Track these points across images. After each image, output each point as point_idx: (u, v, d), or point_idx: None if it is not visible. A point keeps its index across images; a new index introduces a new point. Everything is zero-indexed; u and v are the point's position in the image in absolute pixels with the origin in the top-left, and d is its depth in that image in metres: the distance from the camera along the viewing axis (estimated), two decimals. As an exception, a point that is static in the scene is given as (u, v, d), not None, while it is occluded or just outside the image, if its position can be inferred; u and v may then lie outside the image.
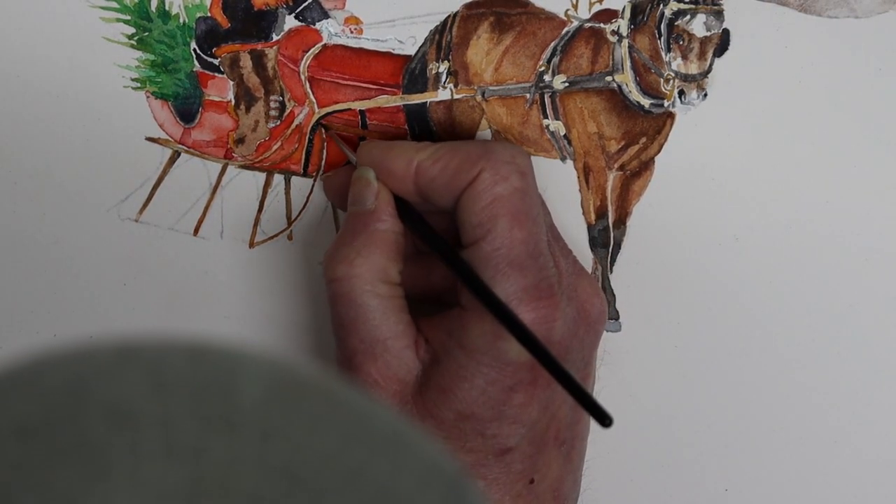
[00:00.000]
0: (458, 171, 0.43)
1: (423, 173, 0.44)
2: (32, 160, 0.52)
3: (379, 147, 0.47)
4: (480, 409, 0.42)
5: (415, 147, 0.46)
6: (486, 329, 0.42)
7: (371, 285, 0.43)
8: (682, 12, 0.48)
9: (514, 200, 0.43)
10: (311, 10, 0.50)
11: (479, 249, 0.43)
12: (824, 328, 0.50)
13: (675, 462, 0.52)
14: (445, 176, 0.44)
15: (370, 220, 0.44)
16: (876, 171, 0.48)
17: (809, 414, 0.51)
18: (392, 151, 0.46)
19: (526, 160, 0.44)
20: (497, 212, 0.42)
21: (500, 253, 0.42)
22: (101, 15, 0.51)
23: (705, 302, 0.50)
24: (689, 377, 0.51)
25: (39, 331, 0.53)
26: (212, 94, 0.51)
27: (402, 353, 0.43)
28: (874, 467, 0.51)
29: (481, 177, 0.43)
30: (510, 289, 0.42)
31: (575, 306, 0.44)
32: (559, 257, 0.45)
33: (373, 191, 0.45)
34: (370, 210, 0.45)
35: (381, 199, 0.45)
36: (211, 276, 0.52)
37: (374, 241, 0.44)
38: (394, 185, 0.45)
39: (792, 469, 0.51)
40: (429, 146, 0.45)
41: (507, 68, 0.50)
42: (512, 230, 0.42)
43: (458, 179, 0.43)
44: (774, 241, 0.49)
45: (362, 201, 0.45)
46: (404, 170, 0.45)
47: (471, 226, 0.43)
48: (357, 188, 0.46)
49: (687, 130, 0.49)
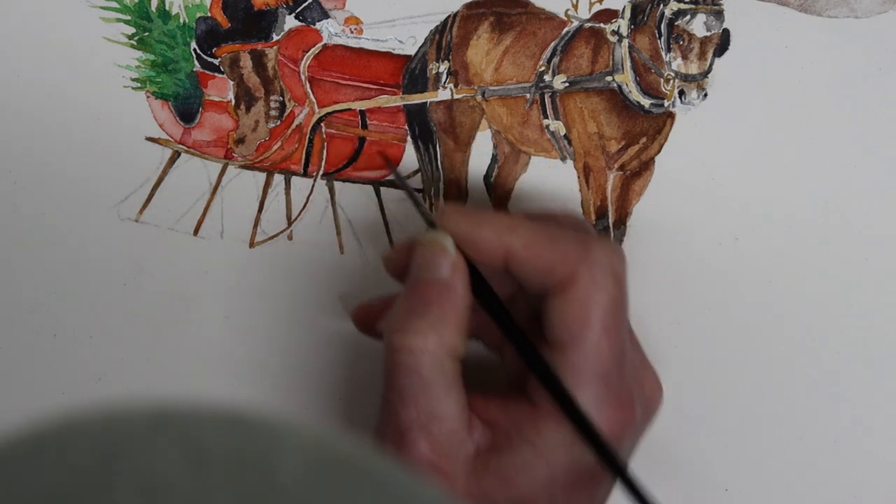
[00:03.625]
0: (554, 268, 0.41)
1: (513, 258, 0.42)
2: (32, 160, 0.52)
3: (465, 216, 0.43)
4: (538, 498, 0.41)
5: (507, 224, 0.42)
6: (563, 437, 0.41)
7: (441, 361, 0.41)
8: (682, 12, 0.48)
9: (609, 311, 0.41)
10: (311, 10, 0.50)
11: (564, 356, 0.41)
12: (824, 328, 0.50)
13: (675, 462, 0.52)
14: (538, 269, 0.41)
15: (444, 292, 0.41)
16: (876, 171, 0.48)
17: (809, 414, 0.51)
18: (481, 226, 0.42)
19: (622, 264, 0.42)
20: (589, 322, 0.41)
21: (587, 365, 0.41)
22: (101, 15, 0.51)
23: (705, 302, 0.50)
24: (689, 377, 0.51)
25: (39, 331, 0.53)
26: (212, 94, 0.52)
27: (459, 432, 0.41)
28: (874, 467, 0.51)
29: (578, 283, 0.41)
30: (591, 397, 0.41)
31: (642, 403, 0.43)
32: (632, 352, 0.44)
33: (449, 260, 0.42)
34: (444, 281, 0.42)
35: (457, 270, 0.42)
36: (211, 276, 0.52)
37: (447, 314, 0.41)
38: (475, 257, 0.42)
39: (792, 469, 0.51)
40: (522, 226, 0.42)
41: (507, 68, 0.50)
42: (601, 341, 0.41)
43: (552, 277, 0.41)
44: (774, 241, 0.49)
45: (436, 269, 0.42)
46: (493, 250, 0.42)
47: (559, 329, 0.41)
48: (430, 253, 0.42)
49: (687, 130, 0.49)
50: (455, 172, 0.51)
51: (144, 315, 0.53)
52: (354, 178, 0.52)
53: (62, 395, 0.53)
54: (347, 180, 0.52)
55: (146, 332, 0.53)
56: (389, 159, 0.49)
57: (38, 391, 0.53)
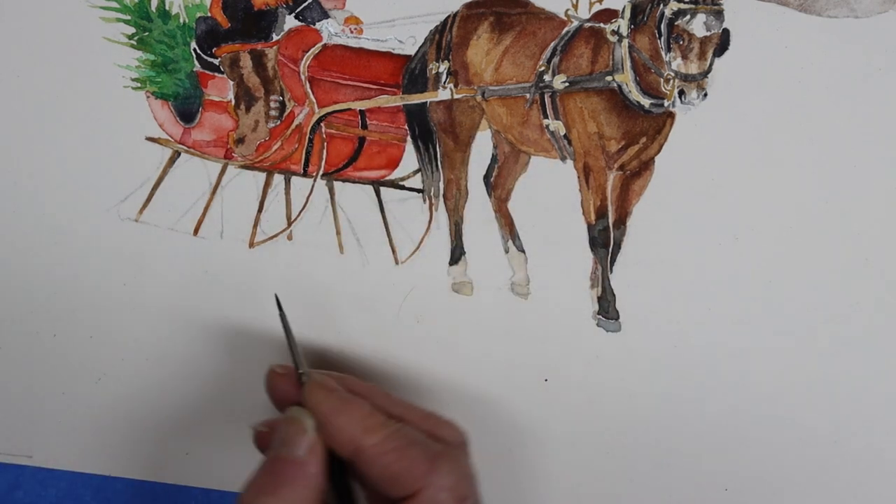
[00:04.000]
0: (398, 478, 0.43)
1: (361, 456, 0.43)
2: (32, 160, 0.52)
3: (330, 399, 0.45)
4: None
5: (364, 421, 0.44)
6: None
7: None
8: (682, 12, 0.48)
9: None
10: (311, 10, 0.50)
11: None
12: (824, 328, 0.50)
13: (675, 462, 0.52)
14: (383, 475, 0.43)
15: (299, 473, 0.43)
16: (876, 171, 0.48)
17: (809, 414, 0.51)
18: (339, 414, 0.44)
19: (468, 484, 0.44)
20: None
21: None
22: (101, 15, 0.51)
23: (705, 302, 0.50)
24: (689, 377, 0.51)
25: (39, 331, 0.53)
26: (212, 94, 0.52)
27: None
28: (874, 467, 0.51)
29: (420, 501, 0.43)
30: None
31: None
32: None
33: (307, 440, 0.43)
34: (300, 461, 0.43)
35: (314, 452, 0.43)
36: (211, 276, 0.52)
37: (297, 496, 0.42)
38: (327, 441, 0.44)
39: (792, 469, 0.51)
40: (382, 427, 0.44)
41: (507, 68, 0.50)
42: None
43: (396, 486, 0.43)
44: (774, 241, 0.49)
45: (293, 448, 0.43)
46: (345, 441, 0.43)
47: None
48: (290, 431, 0.44)
49: (687, 130, 0.49)
50: (455, 172, 0.51)
51: (144, 315, 0.53)
52: (354, 179, 0.52)
53: (62, 395, 0.53)
54: (347, 180, 0.52)
55: (146, 332, 0.53)
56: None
57: (38, 391, 0.53)
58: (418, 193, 0.51)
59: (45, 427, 0.54)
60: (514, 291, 0.51)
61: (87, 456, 0.54)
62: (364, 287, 0.52)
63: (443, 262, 0.52)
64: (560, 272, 0.51)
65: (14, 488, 0.54)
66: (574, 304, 0.51)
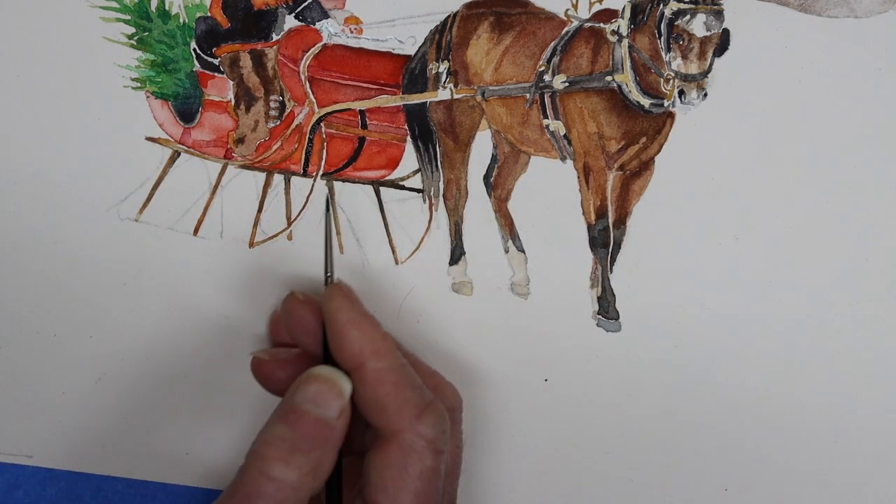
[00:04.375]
0: (386, 410, 0.43)
1: (362, 375, 0.43)
2: (32, 160, 0.52)
3: (351, 309, 0.44)
4: None
5: (376, 345, 0.44)
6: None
7: (303, 501, 0.42)
8: (682, 12, 0.48)
9: (424, 479, 0.42)
10: (311, 10, 0.50)
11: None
12: (824, 328, 0.50)
13: (675, 462, 0.52)
14: (375, 401, 0.43)
15: (330, 435, 0.42)
16: (876, 171, 0.48)
17: (809, 414, 0.51)
18: (356, 328, 0.44)
19: (446, 443, 0.44)
20: (405, 487, 0.42)
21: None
22: (101, 15, 0.51)
23: (705, 302, 0.50)
24: (689, 377, 0.51)
25: (39, 331, 0.53)
26: (212, 94, 0.52)
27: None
28: (874, 467, 0.51)
29: (400, 445, 0.43)
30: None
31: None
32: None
33: (341, 403, 0.43)
34: (331, 423, 0.43)
35: (344, 416, 0.43)
36: (211, 276, 0.52)
37: (327, 458, 0.42)
38: (336, 352, 0.44)
39: (792, 469, 0.51)
40: (390, 356, 0.44)
41: (507, 68, 0.50)
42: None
43: (381, 417, 0.43)
44: (774, 241, 0.49)
45: (326, 408, 0.43)
46: (351, 357, 0.43)
47: (375, 489, 0.43)
48: (324, 391, 0.43)
49: (687, 130, 0.49)
50: (455, 172, 0.51)
51: (144, 315, 0.53)
52: (354, 178, 0.52)
53: (62, 395, 0.53)
54: (347, 180, 0.52)
55: (146, 332, 0.53)
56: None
57: (38, 391, 0.53)
58: (418, 193, 0.51)
59: (45, 427, 0.54)
60: (514, 291, 0.51)
61: (87, 456, 0.54)
62: (364, 287, 0.52)
63: (443, 262, 0.52)
64: (560, 272, 0.51)
65: (14, 488, 0.54)
66: (574, 304, 0.51)
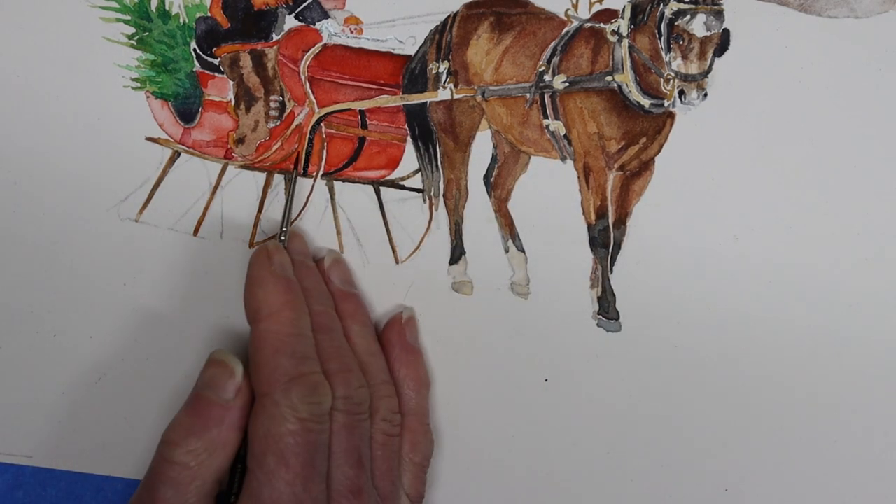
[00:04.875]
0: (257, 376, 0.44)
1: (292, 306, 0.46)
2: (32, 160, 0.52)
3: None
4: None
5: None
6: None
7: (203, 484, 0.43)
8: (682, 12, 0.48)
9: (286, 446, 0.43)
10: (311, 10, 0.50)
11: (248, 479, 0.43)
12: (824, 328, 0.50)
13: (675, 462, 0.52)
14: (252, 368, 0.45)
15: (226, 416, 0.44)
16: (876, 171, 0.48)
17: (809, 414, 0.51)
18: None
19: (309, 410, 0.44)
20: (268, 448, 0.43)
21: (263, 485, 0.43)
22: (101, 15, 0.51)
23: (705, 302, 0.50)
24: (689, 377, 0.51)
25: (39, 331, 0.53)
26: (212, 94, 0.52)
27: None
28: (874, 467, 0.51)
29: (262, 404, 0.44)
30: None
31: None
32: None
33: (235, 384, 0.45)
34: (228, 404, 0.45)
35: (240, 395, 0.45)
36: (211, 276, 0.52)
37: (223, 438, 0.44)
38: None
39: (792, 469, 0.51)
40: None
41: (507, 68, 0.50)
42: (279, 468, 0.43)
43: (254, 382, 0.45)
44: (774, 241, 0.49)
45: (220, 390, 0.45)
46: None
47: (249, 451, 0.44)
48: (218, 374, 0.45)
49: (687, 130, 0.49)
50: (455, 172, 0.51)
51: (144, 315, 0.53)
52: (354, 178, 0.52)
53: (62, 395, 0.53)
54: (347, 180, 0.52)
55: (146, 332, 0.53)
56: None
57: (38, 391, 0.53)
58: (418, 193, 0.51)
59: (45, 427, 0.54)
60: (514, 291, 0.51)
61: (87, 456, 0.54)
62: (364, 286, 0.52)
63: (443, 262, 0.52)
64: (560, 272, 0.51)
65: (14, 488, 0.54)
66: (574, 304, 0.51)
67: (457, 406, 0.53)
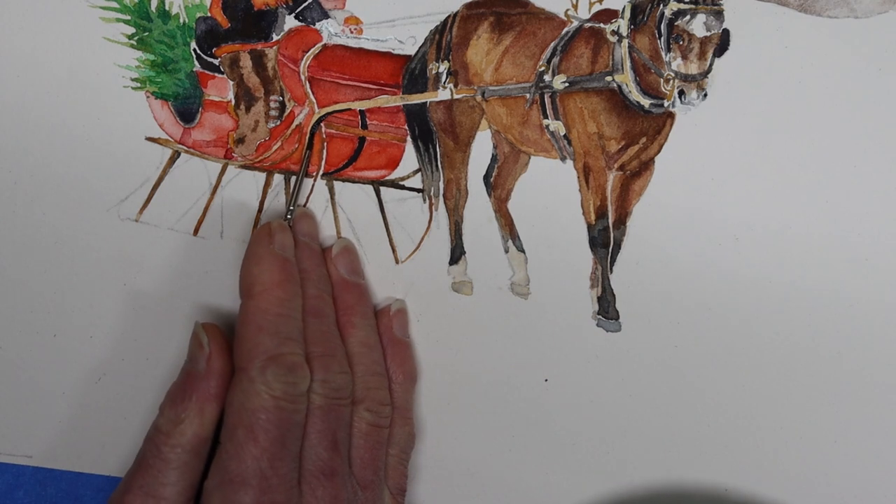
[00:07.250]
0: (238, 351, 0.45)
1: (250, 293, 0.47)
2: (32, 160, 0.52)
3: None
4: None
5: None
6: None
7: (183, 451, 0.45)
8: (682, 12, 0.48)
9: (258, 421, 0.43)
10: (311, 10, 0.50)
11: (219, 451, 0.44)
12: (824, 328, 0.50)
13: (675, 462, 0.52)
14: (234, 342, 0.46)
15: (200, 385, 0.46)
16: (876, 171, 0.48)
17: (809, 414, 0.51)
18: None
19: (284, 389, 0.44)
20: (239, 422, 0.44)
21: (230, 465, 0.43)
22: (101, 15, 0.51)
23: (705, 302, 0.50)
24: (689, 377, 0.51)
25: (39, 331, 0.53)
26: (212, 94, 0.52)
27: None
28: (874, 467, 0.51)
29: (237, 379, 0.45)
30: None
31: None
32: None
33: (204, 354, 0.46)
34: (201, 374, 0.46)
35: (211, 365, 0.46)
36: (211, 276, 0.52)
37: (201, 408, 0.45)
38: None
39: (792, 469, 0.51)
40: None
41: (507, 68, 0.50)
42: (247, 441, 0.43)
43: (235, 356, 0.46)
44: (774, 241, 0.49)
45: (195, 362, 0.47)
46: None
47: (224, 424, 0.45)
48: (193, 346, 0.47)
49: (687, 130, 0.49)
50: (455, 172, 0.51)
51: (144, 315, 0.53)
52: (354, 178, 0.52)
53: (62, 395, 0.53)
54: (347, 180, 0.52)
55: (146, 332, 0.53)
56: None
57: (38, 391, 0.53)
58: (418, 193, 0.51)
59: (45, 427, 0.54)
60: (514, 291, 0.51)
61: (87, 456, 0.54)
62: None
63: (443, 262, 0.52)
64: (560, 272, 0.51)
65: (14, 488, 0.54)
66: (574, 304, 0.51)
67: (456, 406, 0.53)
